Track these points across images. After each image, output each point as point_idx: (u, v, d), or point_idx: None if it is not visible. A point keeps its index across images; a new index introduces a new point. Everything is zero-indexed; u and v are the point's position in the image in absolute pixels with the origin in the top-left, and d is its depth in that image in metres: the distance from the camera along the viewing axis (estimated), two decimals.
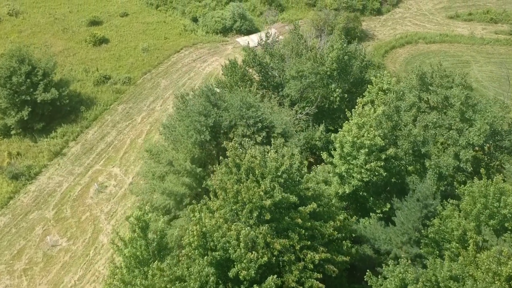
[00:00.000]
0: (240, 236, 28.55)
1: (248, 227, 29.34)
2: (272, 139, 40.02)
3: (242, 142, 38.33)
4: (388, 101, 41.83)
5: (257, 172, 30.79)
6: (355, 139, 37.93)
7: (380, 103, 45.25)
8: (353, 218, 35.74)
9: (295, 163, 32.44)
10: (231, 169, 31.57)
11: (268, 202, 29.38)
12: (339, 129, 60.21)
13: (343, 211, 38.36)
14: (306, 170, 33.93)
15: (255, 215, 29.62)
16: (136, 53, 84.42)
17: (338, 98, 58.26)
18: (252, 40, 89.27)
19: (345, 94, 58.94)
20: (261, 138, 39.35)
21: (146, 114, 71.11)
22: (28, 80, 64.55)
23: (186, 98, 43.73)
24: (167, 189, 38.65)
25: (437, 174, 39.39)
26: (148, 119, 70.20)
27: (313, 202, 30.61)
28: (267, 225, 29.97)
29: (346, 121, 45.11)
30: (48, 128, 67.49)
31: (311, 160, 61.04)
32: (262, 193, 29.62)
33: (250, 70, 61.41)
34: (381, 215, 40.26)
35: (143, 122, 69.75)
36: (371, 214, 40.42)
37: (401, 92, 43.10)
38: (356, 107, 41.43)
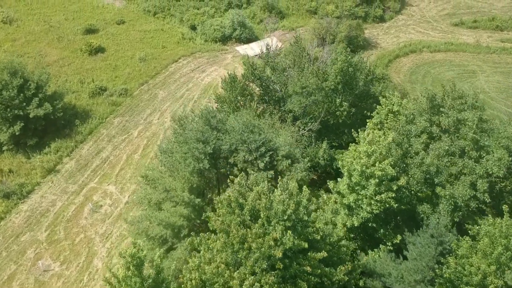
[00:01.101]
0: (244, 286, 26.24)
1: (252, 276, 26.99)
2: (275, 162, 37.82)
3: (247, 169, 36.14)
4: (398, 128, 39.50)
5: (262, 215, 28.47)
6: (364, 167, 35.63)
7: (389, 125, 42.97)
8: (364, 258, 33.45)
9: (302, 200, 30.13)
10: (233, 209, 29.26)
11: (279, 253, 27.04)
12: (343, 144, 58.84)
13: (351, 242, 36.12)
14: (314, 208, 31.63)
15: (264, 266, 27.27)
16: (133, 63, 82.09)
17: (344, 113, 56.07)
18: (252, 48, 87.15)
19: (351, 108, 56.76)
20: (264, 164, 37.09)
21: (143, 128, 68.79)
22: (20, 94, 62.15)
23: (184, 121, 41.37)
24: (163, 220, 36.39)
25: (452, 205, 37.10)
26: (145, 133, 67.88)
27: (323, 251, 28.31)
28: (273, 272, 27.68)
29: (353, 143, 42.83)
30: (42, 143, 65.10)
31: (314, 177, 58.91)
32: (272, 242, 27.28)
33: (251, 84, 59.10)
34: (392, 248, 38.00)
35: (140, 136, 67.42)
36: (381, 246, 38.13)
37: (412, 116, 40.79)
38: (365, 132, 39.01)
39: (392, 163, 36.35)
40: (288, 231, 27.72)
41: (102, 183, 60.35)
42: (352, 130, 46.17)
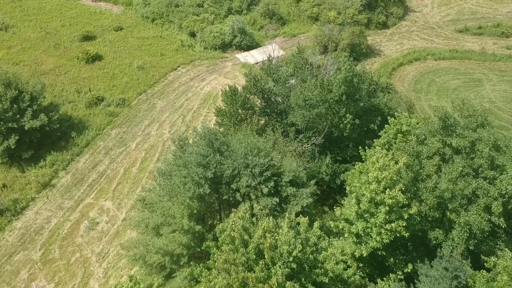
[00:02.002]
0: None
1: None
2: (280, 188, 36.02)
3: (250, 194, 34.37)
4: (408, 149, 37.63)
5: (266, 256, 26.63)
6: (374, 194, 33.77)
7: (398, 146, 41.07)
8: None
9: (311, 237, 28.27)
10: (237, 247, 27.40)
11: None
12: (347, 158, 56.96)
13: (360, 270, 34.27)
14: (323, 244, 29.72)
15: None
16: (131, 71, 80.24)
17: (348, 125, 54.16)
18: (253, 55, 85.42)
19: (356, 120, 54.86)
20: (268, 190, 35.25)
21: (141, 140, 66.90)
22: (14, 106, 60.29)
23: (184, 142, 39.45)
24: (162, 248, 34.55)
25: (467, 233, 35.21)
26: (143, 145, 65.99)
27: None
28: None
29: (359, 162, 41.01)
30: (37, 155, 63.24)
31: (318, 192, 57.11)
32: None
33: (252, 96, 57.20)
34: (402, 277, 36.13)
35: (138, 148, 65.53)
36: (390, 275, 36.23)
37: (423, 136, 38.89)
38: (374, 156, 36.97)
39: (403, 188, 34.48)
40: (288, 282, 25.80)
41: (99, 199, 58.49)
42: (360, 148, 44.27)
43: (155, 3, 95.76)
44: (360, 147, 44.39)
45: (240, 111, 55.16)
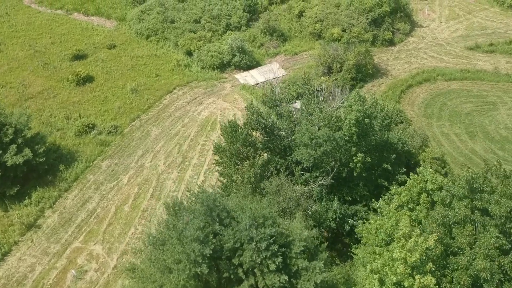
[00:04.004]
0: None
1: None
2: (289, 261, 31.56)
3: (254, 269, 29.97)
4: (438, 218, 33.13)
5: None
6: (400, 277, 29.34)
7: (423, 208, 36.64)
8: None
9: None
10: None
11: None
12: (358, 198, 52.62)
13: None
14: None
15: None
16: (124, 94, 75.68)
17: (359, 164, 49.74)
18: (253, 76, 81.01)
19: (367, 158, 50.38)
20: (275, 266, 30.78)
21: (133, 173, 62.27)
22: None
23: (179, 206, 34.90)
24: None
25: None
26: (136, 179, 61.37)
27: None
28: None
29: (375, 216, 36.62)
30: (22, 191, 58.66)
31: (325, 234, 52.84)
32: None
33: (253, 132, 52.75)
34: None
35: (130, 183, 60.92)
36: None
37: (448, 200, 34.47)
38: (400, 230, 32.31)
39: (433, 268, 30.10)
40: None
41: (88, 242, 53.90)
42: (373, 200, 39.88)
43: (149, 19, 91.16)
44: (373, 201, 39.86)
45: (240, 148, 50.67)
